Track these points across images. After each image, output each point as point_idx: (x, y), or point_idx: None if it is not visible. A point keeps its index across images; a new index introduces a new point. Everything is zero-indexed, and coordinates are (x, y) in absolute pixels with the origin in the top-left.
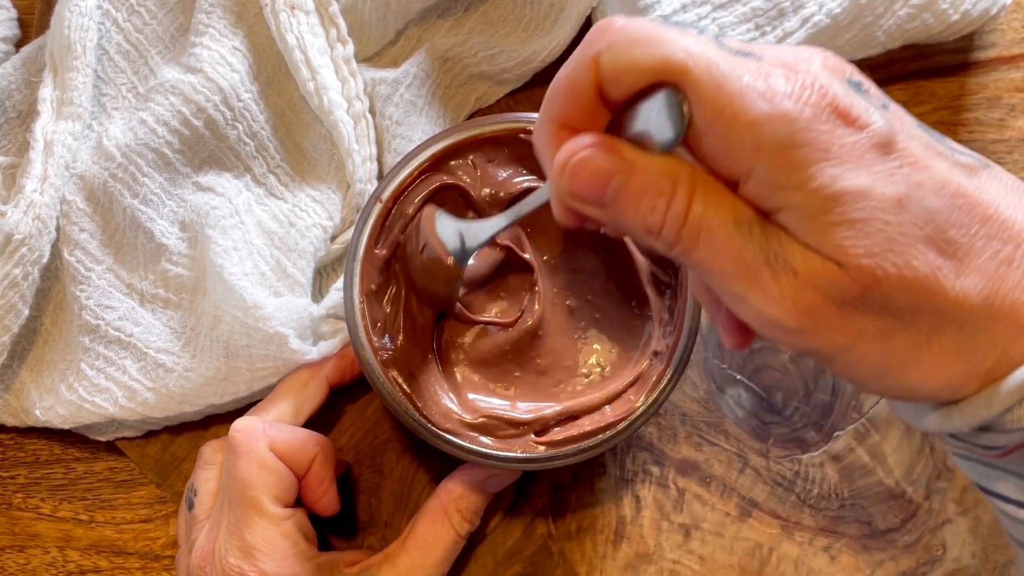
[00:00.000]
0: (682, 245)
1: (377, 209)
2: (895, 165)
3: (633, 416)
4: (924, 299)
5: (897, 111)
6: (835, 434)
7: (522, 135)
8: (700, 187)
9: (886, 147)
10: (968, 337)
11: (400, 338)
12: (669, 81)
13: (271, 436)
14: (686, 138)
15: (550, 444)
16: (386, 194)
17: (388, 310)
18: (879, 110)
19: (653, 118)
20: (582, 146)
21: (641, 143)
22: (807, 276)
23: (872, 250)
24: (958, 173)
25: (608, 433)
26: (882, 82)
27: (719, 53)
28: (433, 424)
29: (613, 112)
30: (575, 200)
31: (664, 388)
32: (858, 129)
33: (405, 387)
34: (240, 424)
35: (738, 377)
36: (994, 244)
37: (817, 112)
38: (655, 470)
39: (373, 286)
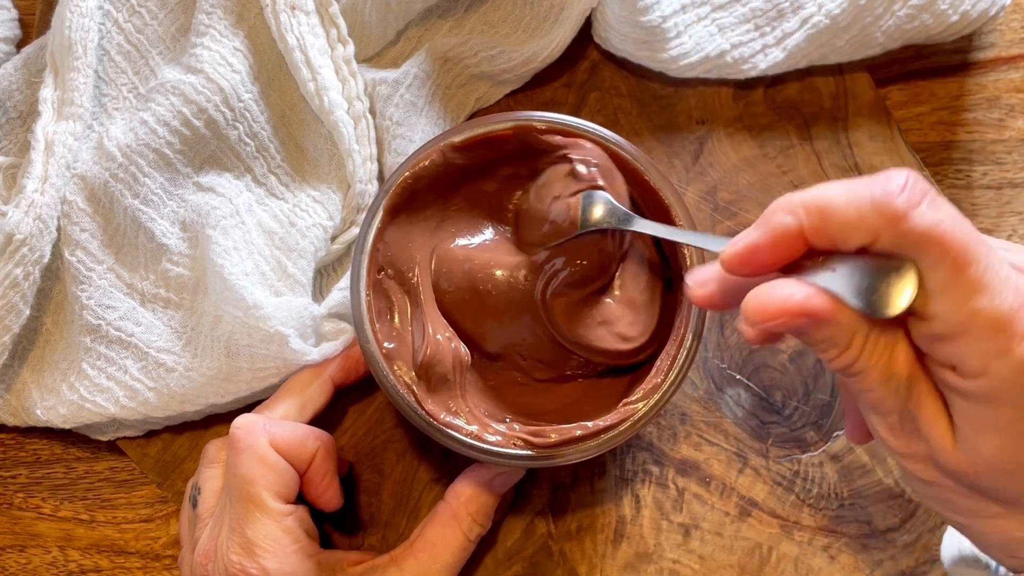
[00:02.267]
0: (840, 374)
1: (385, 203)
2: None
3: (634, 418)
4: (1012, 501)
5: None
6: (834, 434)
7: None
8: (872, 342)
9: None
10: None
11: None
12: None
13: (272, 432)
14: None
15: (551, 444)
16: (394, 188)
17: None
18: None
19: (870, 281)
20: (781, 303)
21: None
22: (926, 436)
23: (991, 462)
24: None
25: (610, 434)
26: (882, 82)
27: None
28: (437, 420)
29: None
30: (756, 327)
31: (666, 390)
32: None
33: (408, 381)
34: (241, 420)
35: (738, 377)
36: None
37: None
38: (655, 470)
39: (380, 279)
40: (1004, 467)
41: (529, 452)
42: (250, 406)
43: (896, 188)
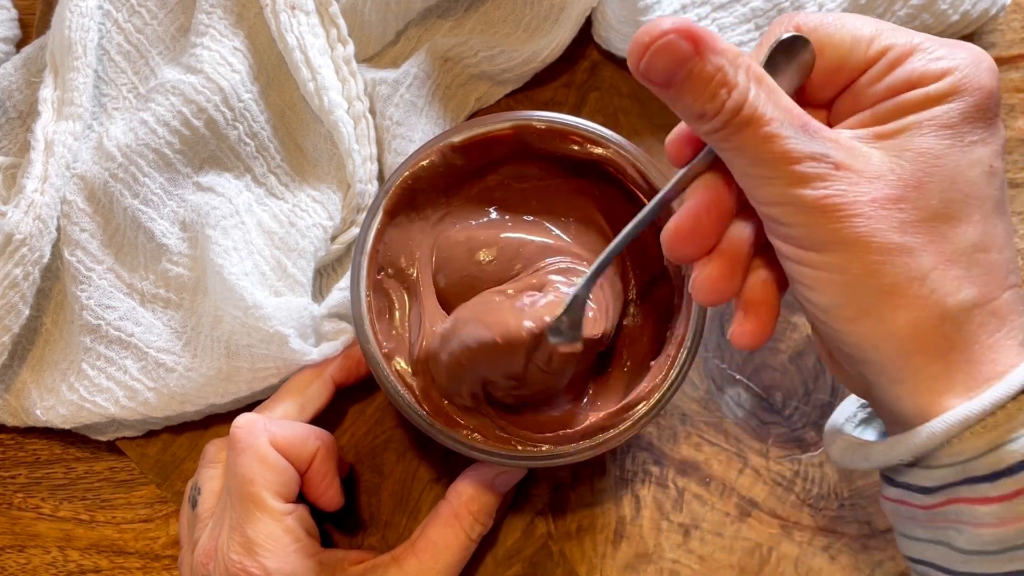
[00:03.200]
0: (727, 130)
1: (385, 203)
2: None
3: (634, 417)
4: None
5: None
6: None
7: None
8: (766, 83)
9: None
10: (963, 308)
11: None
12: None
13: (272, 431)
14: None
15: (552, 442)
16: (394, 188)
17: None
18: None
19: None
20: (670, 28)
21: None
22: (851, 163)
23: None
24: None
25: (610, 434)
26: None
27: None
28: (437, 420)
29: None
30: (645, 79)
31: (666, 390)
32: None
33: (410, 382)
34: (241, 420)
35: (738, 377)
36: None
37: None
38: (655, 470)
39: (380, 279)
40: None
41: (529, 452)
42: (250, 406)
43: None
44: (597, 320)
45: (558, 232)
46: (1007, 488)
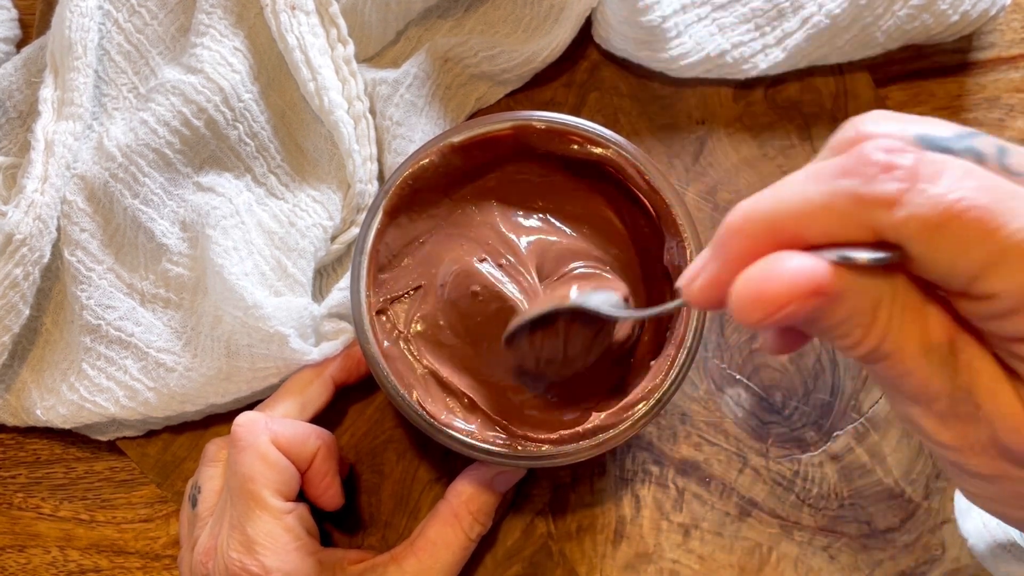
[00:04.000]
0: (866, 361)
1: (385, 203)
2: None
3: (634, 418)
4: None
5: None
6: (834, 434)
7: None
8: (898, 310)
9: None
10: None
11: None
12: None
13: (273, 430)
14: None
15: (552, 442)
16: (394, 188)
17: None
18: None
19: None
20: (785, 284)
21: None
22: (987, 412)
23: None
24: None
25: (610, 434)
26: (882, 82)
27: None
28: (437, 420)
29: None
30: (772, 325)
31: (666, 390)
32: None
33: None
34: (242, 418)
35: (737, 377)
36: None
37: None
38: (655, 470)
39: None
40: None
41: (529, 452)
42: (250, 406)
43: (874, 166)
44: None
45: (571, 233)
46: None
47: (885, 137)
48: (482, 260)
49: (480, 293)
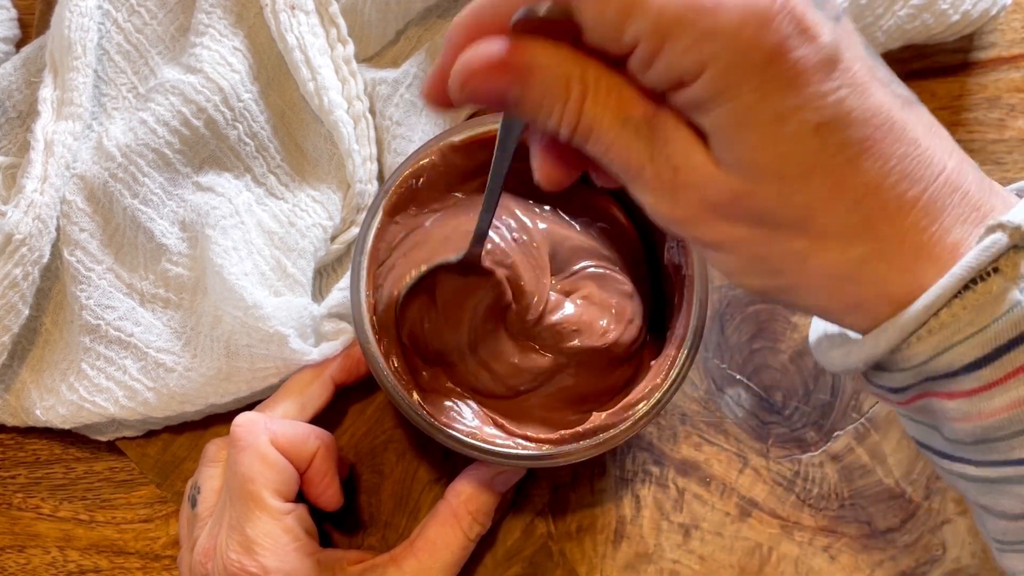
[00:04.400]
0: (577, 140)
1: (384, 203)
2: (834, 86)
3: (634, 417)
4: (802, 218)
5: (847, 27)
6: (835, 434)
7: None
8: (592, 85)
9: (830, 65)
10: (855, 262)
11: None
12: None
13: (272, 430)
14: None
15: (552, 442)
16: (393, 188)
17: None
18: (832, 22)
19: None
20: (480, 61)
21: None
22: (686, 173)
23: (758, 164)
24: (892, 103)
25: (610, 434)
26: None
27: None
28: (437, 420)
29: None
30: (478, 103)
31: (666, 390)
32: (808, 41)
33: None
34: (241, 418)
35: (738, 377)
36: (904, 182)
37: (783, 11)
38: (655, 470)
39: (379, 280)
40: (772, 168)
41: (529, 452)
42: (250, 406)
43: None
44: (608, 330)
45: (580, 229)
46: (968, 385)
47: None
48: (496, 230)
49: (490, 258)
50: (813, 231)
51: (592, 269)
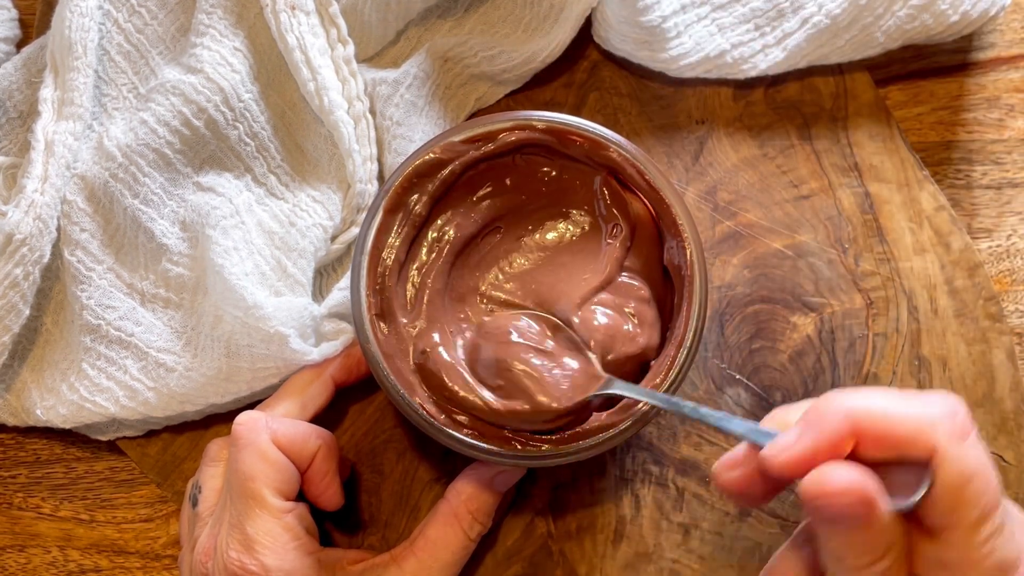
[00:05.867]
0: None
1: (385, 203)
2: None
3: (634, 417)
4: None
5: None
6: None
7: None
8: (896, 558)
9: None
10: None
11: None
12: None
13: (273, 429)
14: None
15: (552, 442)
16: (394, 188)
17: None
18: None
19: (898, 479)
20: (857, 490)
21: None
22: None
23: None
24: None
25: (609, 434)
26: (882, 82)
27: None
28: (437, 420)
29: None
30: (819, 517)
31: (666, 390)
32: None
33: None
34: (243, 417)
35: (738, 377)
36: None
37: None
38: (655, 470)
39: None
40: None
41: (529, 452)
42: (250, 406)
43: (950, 412)
44: (637, 335)
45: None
46: None
47: None
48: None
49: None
50: None
51: (602, 318)
